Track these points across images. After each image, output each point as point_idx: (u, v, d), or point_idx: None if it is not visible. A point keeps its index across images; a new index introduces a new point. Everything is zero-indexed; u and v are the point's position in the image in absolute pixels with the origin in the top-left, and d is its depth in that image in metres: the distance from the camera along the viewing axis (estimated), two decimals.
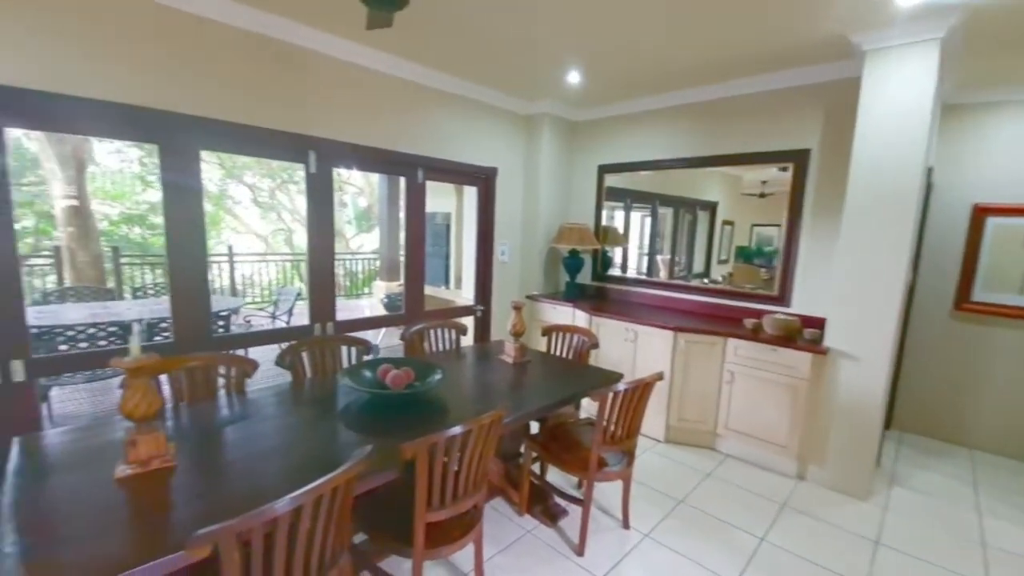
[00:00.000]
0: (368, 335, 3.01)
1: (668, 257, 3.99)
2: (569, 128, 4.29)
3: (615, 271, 4.27)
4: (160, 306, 3.84)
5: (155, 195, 9.17)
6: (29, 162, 7.59)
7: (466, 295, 4.31)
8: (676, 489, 2.66)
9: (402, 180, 3.39)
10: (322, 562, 1.25)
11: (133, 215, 8.82)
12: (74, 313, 3.46)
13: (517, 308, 2.51)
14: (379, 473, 1.42)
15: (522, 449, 2.51)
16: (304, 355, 2.22)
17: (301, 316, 4.47)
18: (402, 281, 6.11)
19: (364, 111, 3.04)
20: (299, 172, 2.84)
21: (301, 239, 11.42)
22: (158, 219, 9.10)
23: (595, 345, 2.68)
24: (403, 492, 1.68)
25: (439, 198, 5.32)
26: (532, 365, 2.53)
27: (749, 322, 3.06)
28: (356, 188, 11.42)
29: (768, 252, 3.32)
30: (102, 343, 3.00)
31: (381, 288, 6.03)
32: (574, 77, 3.29)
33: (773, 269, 3.27)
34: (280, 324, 4.39)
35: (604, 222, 4.24)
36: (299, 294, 4.58)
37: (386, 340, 5.06)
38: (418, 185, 3.39)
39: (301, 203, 11.44)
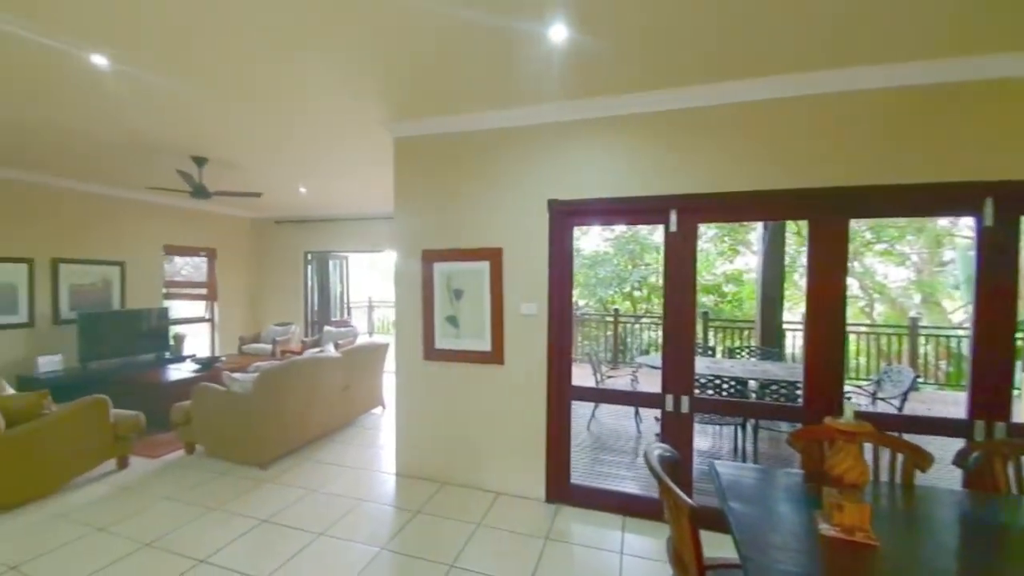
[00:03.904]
0: None
1: None
2: None
3: None
4: (755, 368, 4.35)
5: (725, 267, 10.95)
6: (648, 247, 10.95)
7: None
8: None
9: None
10: None
11: (708, 285, 10.83)
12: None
13: None
14: None
15: None
16: (996, 461, 1.77)
17: (911, 403, 3.80)
18: None
19: None
20: (890, 231, 2.45)
21: (875, 308, 10.20)
22: (727, 287, 10.78)
23: None
24: None
25: None
26: None
27: None
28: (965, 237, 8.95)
29: None
30: (721, 392, 3.69)
31: None
32: None
33: None
34: (889, 409, 3.89)
35: None
36: (917, 378, 3.94)
37: None
38: None
39: (880, 269, 10.29)
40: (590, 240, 11.32)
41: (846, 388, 4.88)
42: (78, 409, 3.45)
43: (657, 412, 5.02)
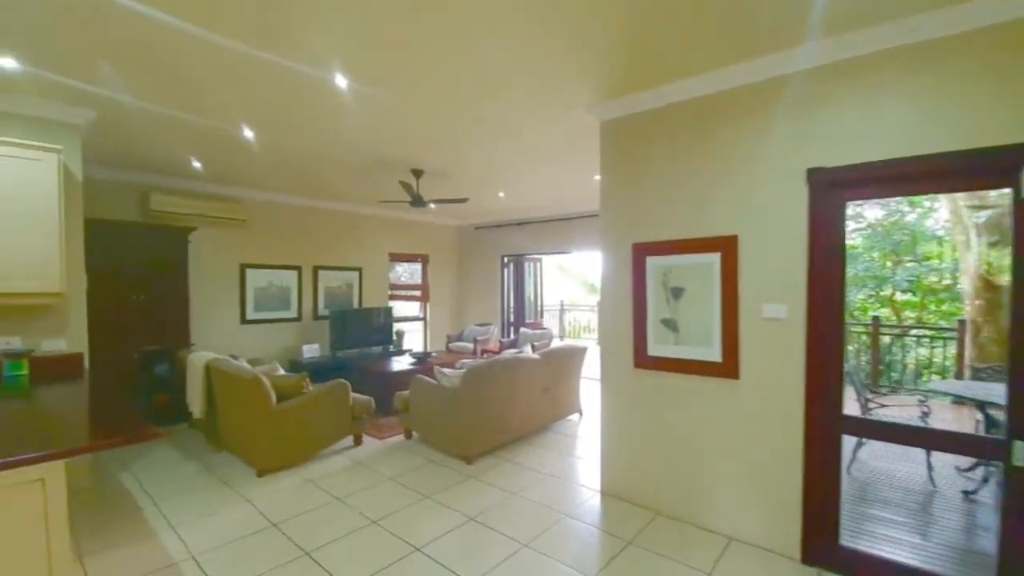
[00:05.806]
0: None
1: None
2: None
3: None
4: None
5: None
6: (922, 236, 8.56)
7: None
8: None
9: None
10: None
11: None
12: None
13: None
14: None
15: None
16: None
17: None
18: None
19: None
20: None
21: None
22: None
23: None
24: None
25: None
26: None
27: None
28: None
29: None
30: None
31: None
32: None
33: None
34: None
35: None
36: None
37: None
38: None
39: None
40: None
41: None
42: (328, 390, 4.07)
43: (960, 461, 3.76)
